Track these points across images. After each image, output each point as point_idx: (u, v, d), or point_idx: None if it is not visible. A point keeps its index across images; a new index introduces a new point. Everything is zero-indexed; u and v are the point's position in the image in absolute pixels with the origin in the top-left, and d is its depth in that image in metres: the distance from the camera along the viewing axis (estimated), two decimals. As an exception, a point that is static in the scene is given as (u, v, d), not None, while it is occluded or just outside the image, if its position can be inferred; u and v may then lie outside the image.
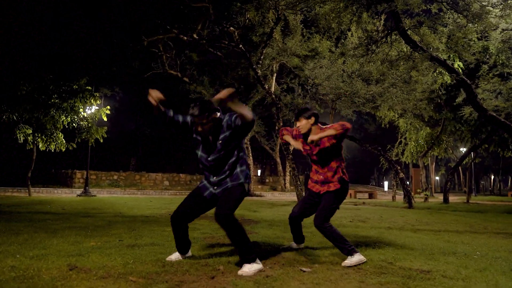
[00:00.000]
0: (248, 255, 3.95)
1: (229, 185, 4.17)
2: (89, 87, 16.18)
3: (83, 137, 17.27)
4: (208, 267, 3.96)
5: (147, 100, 4.01)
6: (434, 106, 23.53)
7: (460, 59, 17.60)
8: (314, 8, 16.24)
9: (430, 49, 14.09)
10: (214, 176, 4.22)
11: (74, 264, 3.86)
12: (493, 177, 79.35)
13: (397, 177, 18.80)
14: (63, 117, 15.87)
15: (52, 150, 16.86)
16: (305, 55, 20.63)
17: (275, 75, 26.31)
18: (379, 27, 16.70)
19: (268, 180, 43.30)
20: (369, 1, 12.36)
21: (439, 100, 22.91)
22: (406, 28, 13.00)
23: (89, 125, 17.18)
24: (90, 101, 15.95)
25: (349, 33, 19.53)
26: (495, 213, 14.73)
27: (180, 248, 4.42)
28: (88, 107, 17.51)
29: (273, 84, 25.72)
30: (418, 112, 21.55)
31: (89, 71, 18.02)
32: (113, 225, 7.37)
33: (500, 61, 18.82)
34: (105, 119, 17.39)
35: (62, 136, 16.80)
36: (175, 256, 4.34)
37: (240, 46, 19.85)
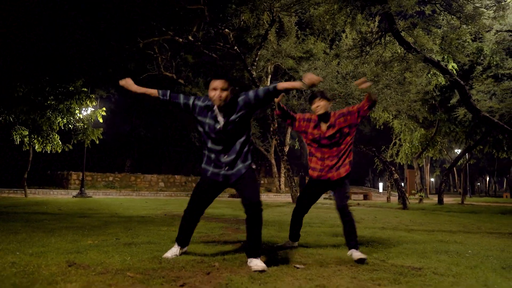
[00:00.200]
0: (259, 250, 4.10)
1: (243, 170, 4.21)
2: (85, 89, 16.24)
3: (79, 139, 17.31)
4: (204, 264, 4.03)
5: (139, 96, 4.11)
6: (429, 107, 23.58)
7: (454, 61, 17.70)
8: (309, 10, 16.34)
9: (424, 51, 14.19)
10: (225, 155, 4.21)
11: (73, 261, 3.93)
12: (488, 179, 79.64)
13: (392, 178, 18.92)
14: (59, 119, 15.92)
15: (48, 152, 16.89)
16: (300, 57, 20.70)
17: (270, 77, 26.40)
18: (374, 29, 16.79)
19: (263, 182, 43.36)
20: (363, 3, 12.45)
21: (434, 101, 22.97)
22: (400, 30, 13.09)
23: (85, 127, 17.23)
24: (86, 103, 16.02)
25: (344, 35, 19.60)
26: (489, 214, 14.85)
27: (183, 241, 4.51)
28: (84, 109, 17.56)
29: (269, 83, 25.80)
30: (412, 113, 21.63)
31: (85, 73, 18.05)
32: (110, 225, 7.43)
33: (495, 62, 18.91)
34: (101, 121, 17.46)
35: (58, 138, 16.84)
36: (171, 253, 4.38)
37: (235, 48, 19.94)
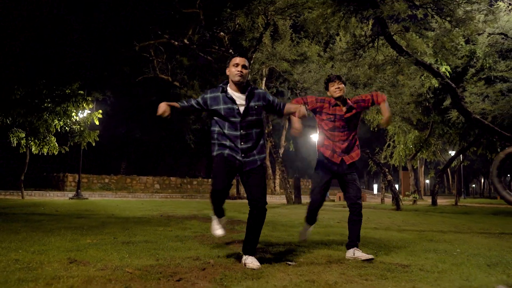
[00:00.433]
0: (256, 248, 4.26)
1: (258, 162, 4.28)
2: (81, 91, 16.36)
3: (76, 141, 17.41)
4: (199, 261, 4.19)
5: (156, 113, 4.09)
6: (422, 110, 23.69)
7: (447, 63, 17.87)
8: (303, 14, 16.49)
9: (418, 53, 14.37)
10: (242, 141, 4.23)
11: (74, 258, 4.09)
12: (483, 180, 79.83)
13: (385, 180, 19.10)
14: (56, 121, 16.03)
15: (45, 154, 16.99)
16: (294, 60, 20.78)
17: (265, 79, 26.51)
18: (367, 32, 16.97)
19: (259, 183, 43.33)
20: (356, 7, 12.63)
21: (427, 104, 23.08)
22: (392, 33, 13.27)
23: (82, 129, 17.32)
24: (83, 105, 16.14)
25: (338, 38, 19.75)
26: (481, 215, 15.02)
27: (220, 213, 4.53)
28: (81, 111, 17.65)
29: (263, 88, 25.95)
30: (406, 115, 21.80)
31: (81, 76, 18.19)
32: (107, 225, 7.55)
33: (487, 65, 19.07)
34: (97, 123, 17.57)
35: (55, 140, 16.93)
36: (218, 226, 4.49)
37: (230, 51, 20.11)
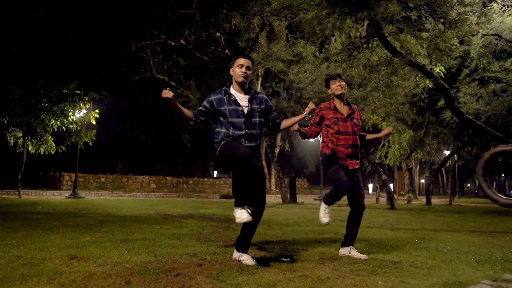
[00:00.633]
0: (249, 245, 4.39)
1: (259, 162, 4.35)
2: (78, 91, 16.44)
3: (73, 140, 17.47)
4: (196, 257, 4.32)
5: (166, 102, 4.14)
6: (417, 110, 23.75)
7: (441, 64, 17.99)
8: (298, 15, 16.60)
9: (413, 54, 14.51)
10: (246, 141, 4.26)
11: (74, 254, 4.22)
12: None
13: (380, 180, 19.26)
14: (53, 121, 16.10)
15: (42, 153, 17.05)
16: (290, 60, 20.83)
17: (261, 80, 26.59)
18: (362, 33, 17.09)
19: (254, 183, 43.41)
20: (350, 9, 12.76)
21: (422, 104, 23.15)
22: (386, 35, 13.41)
23: (78, 129, 17.39)
24: (80, 105, 16.22)
25: (333, 39, 19.84)
26: (474, 214, 15.18)
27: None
28: (77, 111, 17.71)
29: (259, 88, 26.02)
30: (401, 116, 21.91)
31: (78, 75, 18.25)
32: (105, 224, 7.68)
33: (481, 66, 19.19)
34: (94, 123, 17.64)
35: (52, 139, 16.99)
36: (244, 213, 3.94)
37: (226, 51, 20.21)
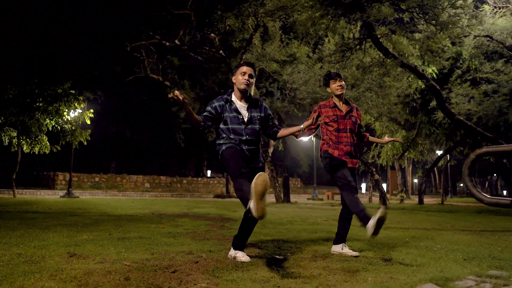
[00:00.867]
0: (245, 244, 4.49)
1: (260, 163, 4.44)
2: (73, 91, 16.47)
3: (68, 140, 17.49)
4: (192, 255, 4.43)
5: (174, 101, 4.00)
6: (410, 110, 23.88)
7: (434, 65, 18.14)
8: (292, 16, 16.73)
9: (406, 55, 14.68)
10: (246, 145, 4.35)
11: (73, 252, 4.32)
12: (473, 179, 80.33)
13: (373, 179, 19.41)
14: (48, 120, 16.13)
15: (36, 153, 17.07)
16: (284, 60, 20.90)
17: (255, 80, 26.69)
18: (355, 34, 17.23)
19: (247, 182, 43.46)
20: (344, 11, 12.89)
21: (415, 104, 23.27)
22: (379, 36, 13.56)
23: (73, 128, 17.41)
24: (74, 105, 16.25)
25: (326, 39, 19.95)
26: (466, 213, 15.35)
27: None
28: (72, 111, 17.71)
29: (253, 88, 26.12)
30: (393, 116, 22.06)
31: (73, 75, 18.27)
32: (101, 223, 7.76)
33: (473, 66, 19.36)
34: (89, 122, 17.68)
35: (47, 139, 17.01)
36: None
37: (221, 52, 20.30)
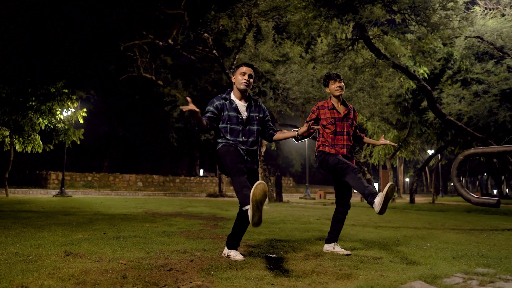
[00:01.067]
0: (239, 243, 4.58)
1: (255, 166, 4.50)
2: (66, 90, 16.46)
3: (61, 139, 17.46)
4: (187, 254, 4.51)
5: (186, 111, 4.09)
6: (401, 110, 24.02)
7: (425, 65, 18.28)
8: (286, 16, 16.80)
9: (397, 56, 14.80)
10: (245, 146, 4.39)
11: (69, 251, 4.38)
12: (461, 179, 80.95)
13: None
14: (41, 120, 16.11)
15: (29, 152, 17.05)
16: (277, 60, 20.94)
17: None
18: (348, 34, 17.33)
19: (240, 181, 43.53)
20: (336, 13, 12.99)
21: (406, 104, 23.41)
22: (371, 38, 13.67)
23: (66, 127, 17.39)
24: (67, 104, 16.24)
25: (319, 40, 20.04)
26: (456, 212, 15.49)
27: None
28: (65, 110, 17.67)
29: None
30: (385, 116, 22.20)
31: (66, 74, 18.28)
32: (95, 222, 7.81)
33: (464, 67, 19.55)
34: (82, 122, 17.66)
35: (39, 138, 16.98)
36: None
37: (214, 52, 20.35)
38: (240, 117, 4.42)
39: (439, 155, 32.07)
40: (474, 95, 18.62)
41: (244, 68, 4.47)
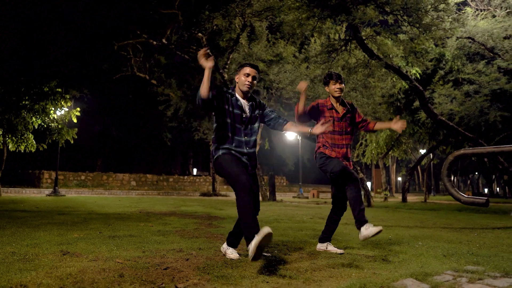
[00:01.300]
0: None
1: (255, 170, 4.50)
2: (59, 89, 16.44)
3: (54, 138, 17.43)
4: (183, 253, 4.55)
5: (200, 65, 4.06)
6: (394, 110, 24.07)
7: (417, 65, 18.38)
8: (279, 16, 16.86)
9: (390, 56, 14.89)
10: (247, 146, 4.34)
11: (66, 250, 4.41)
12: (453, 178, 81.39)
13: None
14: (34, 119, 16.09)
15: (22, 151, 17.01)
16: (270, 60, 20.98)
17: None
18: (341, 35, 17.40)
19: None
20: (329, 14, 13.06)
21: (399, 104, 23.52)
22: (364, 38, 13.76)
23: (60, 127, 17.36)
24: (61, 103, 16.22)
25: (312, 40, 20.09)
26: (447, 211, 15.61)
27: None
28: (59, 109, 17.63)
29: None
30: (378, 115, 22.28)
31: (59, 73, 18.23)
32: (90, 221, 7.83)
33: (456, 67, 19.68)
34: (75, 121, 17.64)
35: (33, 137, 16.94)
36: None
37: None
38: (244, 116, 4.37)
39: (431, 155, 32.24)
40: (466, 95, 18.72)
41: (248, 69, 4.40)
